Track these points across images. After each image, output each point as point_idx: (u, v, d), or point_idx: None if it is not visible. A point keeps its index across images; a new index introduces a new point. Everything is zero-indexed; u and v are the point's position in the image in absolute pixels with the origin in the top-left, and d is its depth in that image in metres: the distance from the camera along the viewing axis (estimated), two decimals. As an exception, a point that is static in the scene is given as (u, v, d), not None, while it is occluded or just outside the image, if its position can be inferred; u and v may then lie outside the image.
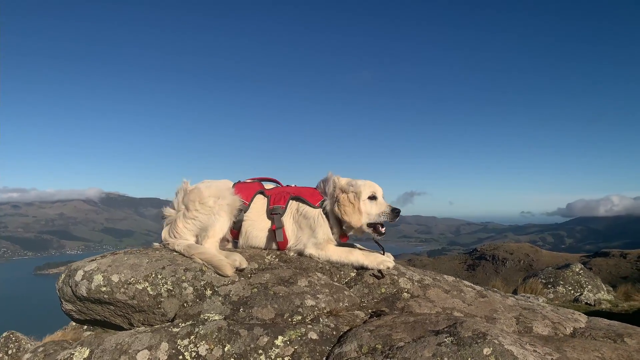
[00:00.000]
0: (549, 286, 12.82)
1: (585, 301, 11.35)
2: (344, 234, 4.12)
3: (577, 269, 13.43)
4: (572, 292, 12.52)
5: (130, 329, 3.43)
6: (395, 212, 3.95)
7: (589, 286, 12.71)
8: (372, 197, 4.00)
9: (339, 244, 4.16)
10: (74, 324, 4.16)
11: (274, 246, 4.14)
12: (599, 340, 3.28)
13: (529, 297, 11.05)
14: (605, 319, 3.91)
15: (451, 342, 2.64)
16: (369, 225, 3.99)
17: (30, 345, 7.79)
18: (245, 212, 4.06)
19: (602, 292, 12.69)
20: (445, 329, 2.83)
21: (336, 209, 3.95)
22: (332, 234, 4.07)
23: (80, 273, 3.63)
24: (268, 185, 4.38)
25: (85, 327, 4.02)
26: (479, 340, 2.59)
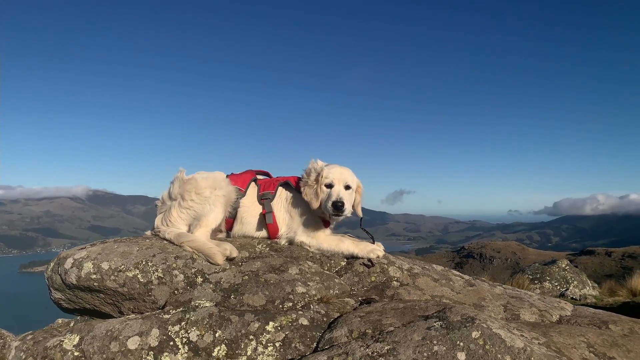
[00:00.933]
0: (536, 282, 12.96)
1: (571, 296, 11.51)
2: (324, 219, 4.12)
3: (563, 265, 13.59)
4: (558, 287, 12.67)
5: (121, 317, 3.42)
6: (334, 204, 3.81)
7: (575, 282, 12.87)
8: (329, 185, 3.93)
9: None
10: (60, 321, 4.15)
11: (264, 231, 4.16)
12: (585, 326, 3.34)
13: (522, 290, 11.19)
14: (591, 308, 3.99)
15: (440, 326, 2.67)
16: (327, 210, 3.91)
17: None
18: (241, 199, 4.10)
19: (588, 288, 12.86)
20: (435, 314, 2.87)
21: (302, 187, 4.00)
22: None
23: (69, 261, 3.61)
24: (259, 176, 4.40)
25: (73, 323, 4.00)
26: (467, 324, 2.63)
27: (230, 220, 4.14)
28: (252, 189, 4.18)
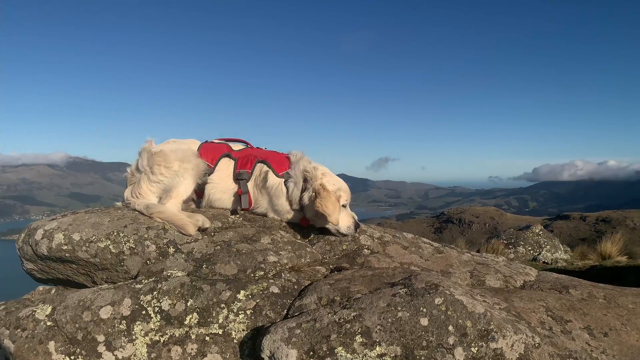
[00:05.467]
0: (510, 246, 13.35)
1: (543, 260, 11.88)
2: (304, 218, 4.07)
3: (537, 230, 13.99)
4: (532, 251, 13.08)
5: (94, 287, 3.45)
6: (357, 227, 4.00)
7: (548, 246, 13.29)
8: (343, 205, 3.98)
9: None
10: (41, 288, 4.16)
11: (239, 209, 4.12)
12: (546, 291, 3.47)
13: (489, 256, 11.52)
14: (555, 273, 4.12)
15: (405, 293, 2.76)
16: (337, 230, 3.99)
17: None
18: (209, 175, 4.01)
19: (560, 252, 13.29)
20: (401, 281, 2.96)
21: (317, 203, 3.79)
22: (291, 206, 4.05)
23: (40, 232, 3.60)
24: (236, 147, 4.26)
25: (53, 291, 4.02)
26: (431, 291, 2.73)
27: (200, 192, 4.08)
28: (225, 164, 4.07)
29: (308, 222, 4.07)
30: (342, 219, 3.93)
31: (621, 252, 12.52)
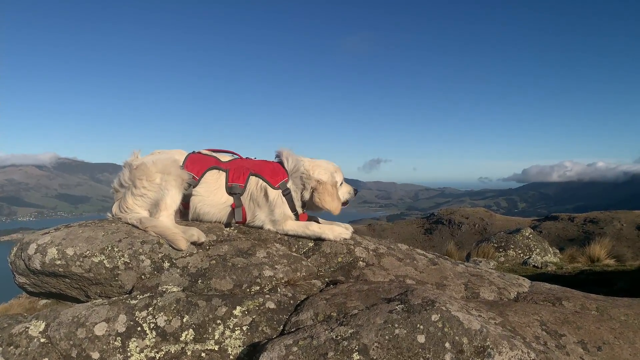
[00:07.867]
0: (500, 250, 13.44)
1: (533, 264, 11.97)
2: (303, 214, 4.22)
3: (527, 234, 14.11)
4: (522, 255, 13.17)
5: (87, 301, 3.42)
6: (355, 191, 4.51)
7: (537, 249, 13.40)
8: (340, 184, 4.30)
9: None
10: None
11: (233, 222, 4.09)
12: (540, 304, 3.50)
13: (481, 262, 11.58)
14: (547, 284, 4.16)
15: (402, 309, 2.77)
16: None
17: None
18: (194, 187, 3.94)
19: (549, 255, 13.40)
20: (397, 297, 2.96)
21: (316, 199, 4.05)
22: (293, 211, 4.10)
23: (33, 246, 3.57)
24: (224, 158, 4.21)
25: (42, 302, 3.97)
26: (427, 308, 2.73)
27: (186, 204, 4.00)
28: (210, 177, 3.99)
29: (306, 218, 4.23)
30: (342, 191, 4.31)
31: (609, 254, 12.67)
